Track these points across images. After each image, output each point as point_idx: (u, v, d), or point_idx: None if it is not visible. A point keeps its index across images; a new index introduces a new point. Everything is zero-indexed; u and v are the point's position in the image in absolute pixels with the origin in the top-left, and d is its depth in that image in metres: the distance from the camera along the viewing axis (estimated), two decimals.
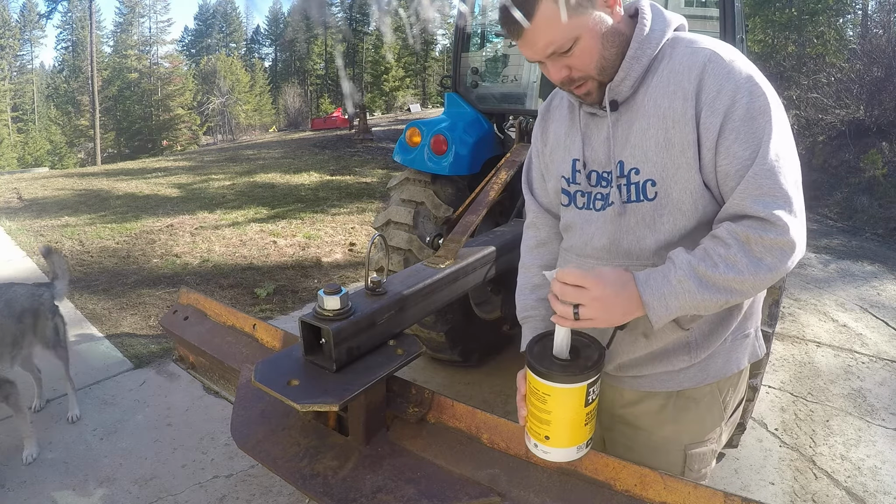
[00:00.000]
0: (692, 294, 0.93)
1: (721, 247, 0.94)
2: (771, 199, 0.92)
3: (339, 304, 1.24)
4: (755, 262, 0.92)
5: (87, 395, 2.88)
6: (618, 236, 1.08)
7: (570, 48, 0.99)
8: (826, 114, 10.34)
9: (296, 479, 1.16)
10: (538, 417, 0.97)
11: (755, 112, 0.93)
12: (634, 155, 1.03)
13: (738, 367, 1.15)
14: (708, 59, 0.97)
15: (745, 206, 0.93)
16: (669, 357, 1.10)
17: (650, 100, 1.01)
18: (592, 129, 1.11)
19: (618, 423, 1.22)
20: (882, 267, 5.35)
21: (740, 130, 0.94)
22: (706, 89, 0.96)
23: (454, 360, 3.01)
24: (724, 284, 0.93)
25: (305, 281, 4.65)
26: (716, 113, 0.95)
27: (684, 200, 1.01)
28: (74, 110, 37.34)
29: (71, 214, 6.79)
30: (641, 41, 1.01)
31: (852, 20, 16.46)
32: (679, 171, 1.00)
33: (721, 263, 0.93)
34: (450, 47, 3.41)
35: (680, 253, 0.97)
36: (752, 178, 0.93)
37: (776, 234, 0.91)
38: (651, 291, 0.95)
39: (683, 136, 0.98)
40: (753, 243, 0.92)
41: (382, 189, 8.10)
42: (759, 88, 0.94)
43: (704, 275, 0.93)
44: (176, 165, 12.23)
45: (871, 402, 3.01)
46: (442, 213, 2.61)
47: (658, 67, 1.02)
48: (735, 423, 1.25)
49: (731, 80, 0.95)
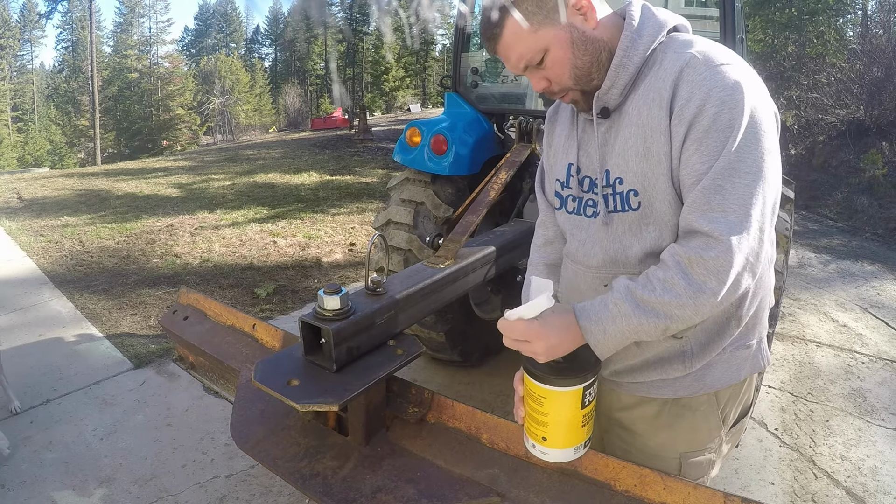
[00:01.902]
0: (628, 318, 0.93)
1: (661, 270, 0.93)
2: (719, 215, 0.87)
3: (339, 304, 1.24)
4: (696, 285, 0.89)
5: (87, 395, 2.88)
6: (606, 245, 1.07)
7: (541, 60, 0.98)
8: (826, 114, 10.33)
9: (296, 479, 1.16)
10: (535, 419, 0.97)
11: (721, 124, 0.88)
12: (619, 165, 1.02)
13: (737, 378, 1.12)
14: (686, 64, 0.93)
15: (691, 220, 0.91)
16: (664, 365, 1.09)
17: (634, 108, 0.99)
18: (589, 135, 1.10)
19: (615, 427, 1.22)
20: (882, 267, 5.35)
21: (702, 142, 0.90)
22: (678, 95, 0.92)
23: (454, 360, 3.01)
24: (661, 308, 0.91)
25: (305, 281, 4.65)
26: (682, 121, 0.91)
27: (665, 211, 0.99)
28: (74, 110, 37.34)
29: (71, 214, 6.79)
30: (626, 48, 0.98)
31: (852, 20, 16.46)
32: (658, 181, 0.97)
33: (658, 286, 0.91)
34: (450, 47, 3.41)
35: (621, 279, 0.97)
36: (700, 191, 0.89)
37: (717, 252, 0.87)
38: (587, 317, 0.95)
39: (659, 145, 0.95)
40: (695, 265, 0.89)
41: (382, 189, 8.10)
42: (734, 98, 0.88)
43: (641, 298, 0.92)
44: (176, 165, 12.23)
45: (871, 402, 3.01)
46: (442, 213, 2.61)
47: (647, 74, 0.98)
48: (739, 433, 1.22)
49: (703, 87, 0.90)
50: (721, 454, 1.19)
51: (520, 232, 2.29)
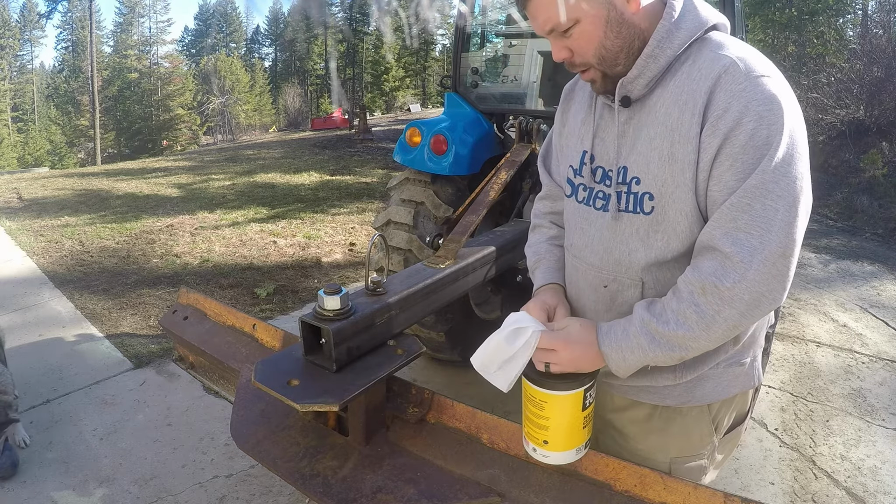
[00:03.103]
0: (644, 350, 0.93)
1: (675, 300, 0.92)
2: (744, 236, 0.84)
3: (339, 304, 1.24)
4: (708, 318, 0.88)
5: (87, 395, 2.88)
6: (611, 245, 1.04)
7: (569, 29, 0.93)
8: (826, 114, 10.33)
9: (296, 479, 1.16)
10: (536, 423, 0.97)
11: (759, 141, 0.84)
12: (638, 163, 0.97)
13: (727, 394, 1.10)
14: (725, 70, 0.87)
15: (715, 236, 0.88)
16: (653, 373, 1.07)
17: (662, 106, 0.94)
18: (607, 122, 1.04)
19: (608, 427, 1.21)
20: (882, 267, 5.34)
21: (737, 157, 0.86)
22: (714, 104, 0.87)
23: (454, 360, 3.01)
24: (675, 341, 0.91)
25: (305, 281, 4.65)
26: (717, 133, 0.87)
27: (679, 222, 0.95)
28: (74, 110, 37.35)
29: (71, 214, 6.79)
30: (661, 39, 0.92)
31: (852, 20, 16.48)
32: (678, 189, 0.93)
33: (672, 319, 0.91)
34: (450, 47, 3.41)
35: (639, 307, 0.97)
36: (728, 209, 0.86)
37: (734, 279, 0.84)
38: (609, 343, 0.96)
39: (686, 153, 0.90)
40: (709, 293, 0.87)
41: (382, 189, 8.10)
42: (773, 114, 0.84)
43: (655, 331, 0.92)
44: (176, 165, 12.22)
45: (871, 402, 3.01)
46: (442, 213, 2.61)
47: (679, 70, 0.93)
48: (734, 441, 1.20)
49: (742, 99, 0.85)
50: (714, 461, 1.17)
51: (520, 232, 2.29)
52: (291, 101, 37.86)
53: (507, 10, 3.33)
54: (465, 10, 3.04)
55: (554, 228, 1.28)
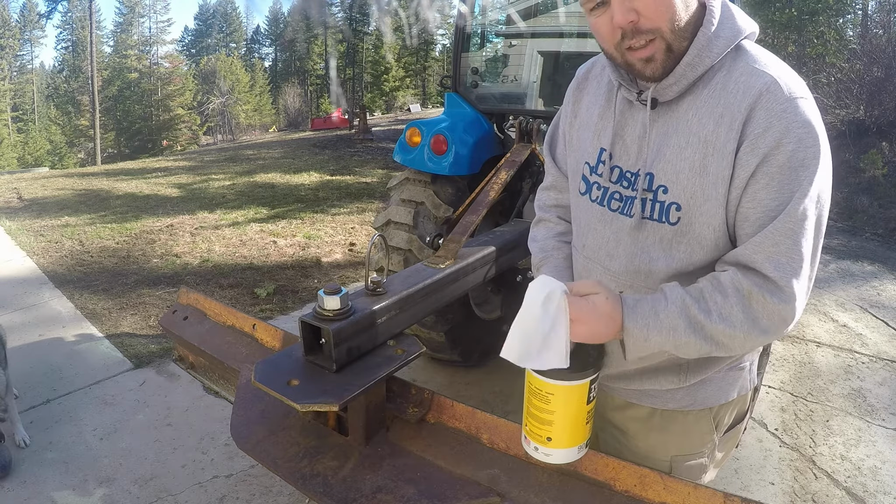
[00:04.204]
0: (677, 333, 0.88)
1: (719, 294, 0.88)
2: (786, 261, 0.85)
3: (339, 304, 1.24)
4: (751, 320, 0.87)
5: (87, 395, 2.88)
6: (632, 252, 1.01)
7: None
8: (826, 114, 10.33)
9: (296, 479, 1.16)
10: (540, 419, 0.96)
11: (797, 163, 0.85)
12: (666, 172, 0.94)
13: (727, 397, 1.11)
14: (766, 89, 0.86)
15: (756, 259, 0.87)
16: (658, 376, 1.07)
17: (695, 115, 0.91)
18: (628, 120, 1.00)
19: (608, 426, 1.22)
20: (882, 267, 5.34)
21: (774, 177, 0.86)
22: (754, 122, 0.86)
23: (454, 360, 3.01)
24: (713, 334, 0.88)
25: (305, 281, 4.65)
26: (756, 151, 0.86)
27: (706, 235, 0.93)
28: (74, 110, 37.35)
29: (71, 214, 6.79)
30: (701, 48, 0.89)
31: (852, 20, 16.49)
32: (707, 202, 0.91)
33: (715, 312, 0.88)
34: (450, 47, 3.41)
35: (675, 288, 0.91)
36: (771, 232, 0.85)
37: (780, 300, 0.85)
38: (634, 319, 0.89)
39: (720, 168, 0.89)
40: (755, 301, 0.86)
41: (382, 189, 8.10)
42: (811, 137, 0.85)
43: (695, 318, 0.88)
44: (176, 165, 12.22)
45: (871, 402, 3.01)
46: (442, 213, 2.61)
47: (713, 78, 0.91)
48: (735, 437, 1.21)
49: (783, 120, 0.84)
50: (714, 459, 1.17)
51: (520, 232, 2.29)
52: (291, 101, 37.87)
53: (507, 10, 3.33)
54: (465, 9, 3.04)
55: (562, 224, 1.25)
